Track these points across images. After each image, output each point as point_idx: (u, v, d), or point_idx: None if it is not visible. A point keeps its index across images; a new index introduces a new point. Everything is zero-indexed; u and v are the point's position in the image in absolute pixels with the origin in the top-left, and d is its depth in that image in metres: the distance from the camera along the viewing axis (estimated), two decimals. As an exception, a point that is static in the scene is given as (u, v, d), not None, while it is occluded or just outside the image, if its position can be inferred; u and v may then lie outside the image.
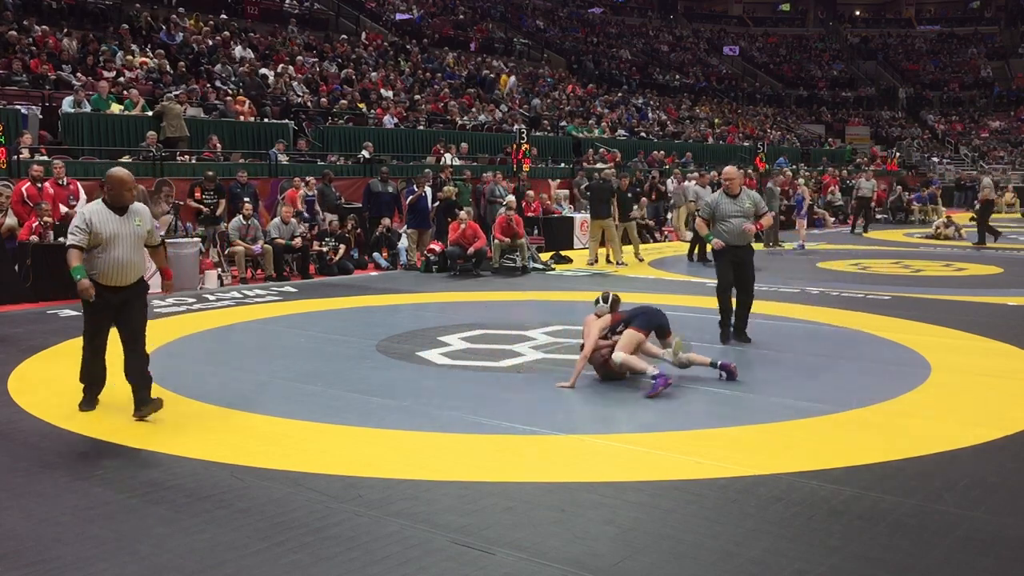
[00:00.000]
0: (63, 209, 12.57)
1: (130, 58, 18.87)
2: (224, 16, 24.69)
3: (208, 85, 19.12)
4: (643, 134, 29.61)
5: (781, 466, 5.19)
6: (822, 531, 4.34)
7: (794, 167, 28.82)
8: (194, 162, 16.08)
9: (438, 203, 16.18)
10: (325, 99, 21.03)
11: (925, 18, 54.52)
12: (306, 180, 15.56)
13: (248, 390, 6.97)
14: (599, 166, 22.31)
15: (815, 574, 3.90)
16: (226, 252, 13.78)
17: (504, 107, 26.68)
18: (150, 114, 16.44)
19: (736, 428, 5.97)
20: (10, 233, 11.87)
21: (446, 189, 16.40)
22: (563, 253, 17.05)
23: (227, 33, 22.64)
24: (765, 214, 8.98)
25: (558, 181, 21.77)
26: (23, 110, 15.09)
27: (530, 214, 18.23)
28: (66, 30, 19.30)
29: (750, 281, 8.84)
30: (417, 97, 24.10)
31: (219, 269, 13.40)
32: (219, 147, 16.77)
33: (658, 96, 37.69)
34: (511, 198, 16.29)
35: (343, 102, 21.13)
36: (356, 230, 15.51)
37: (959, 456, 5.46)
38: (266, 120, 18.77)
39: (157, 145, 15.52)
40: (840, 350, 8.62)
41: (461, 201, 16.50)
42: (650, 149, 26.78)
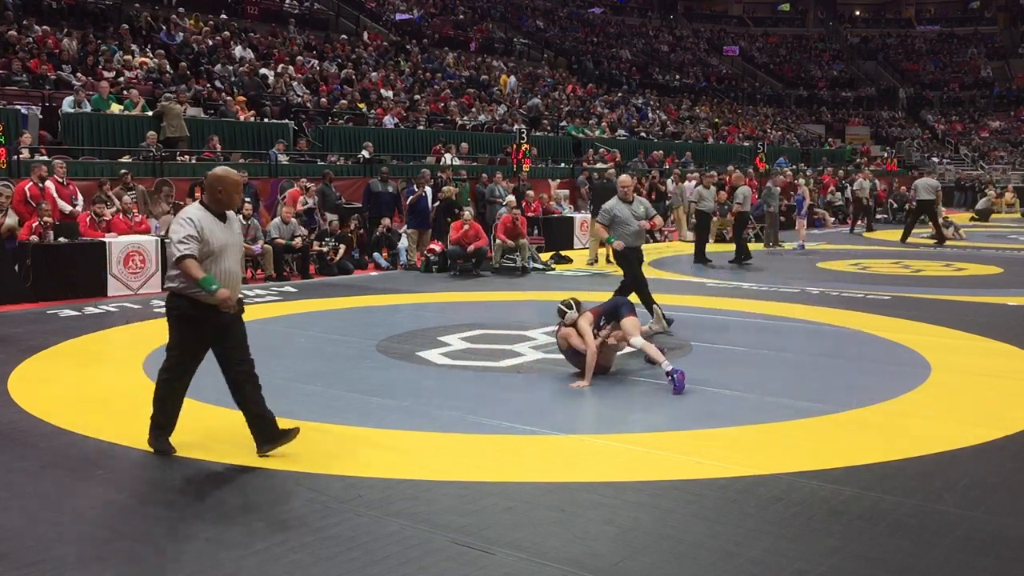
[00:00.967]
0: (65, 209, 12.58)
1: (130, 58, 18.87)
2: (224, 16, 24.69)
3: (208, 85, 19.12)
4: (643, 134, 29.61)
5: (781, 466, 5.19)
6: (822, 531, 4.34)
7: (794, 167, 28.81)
8: (194, 162, 16.08)
9: (438, 203, 16.18)
10: (325, 99, 21.03)
11: (925, 18, 54.51)
12: (306, 187, 15.54)
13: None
14: (599, 166, 22.32)
15: (815, 574, 3.90)
16: (226, 252, 13.75)
17: (504, 107, 26.68)
18: (150, 114, 16.43)
19: (736, 428, 5.98)
20: (10, 233, 11.87)
21: (446, 189, 16.40)
22: (563, 253, 17.04)
23: (227, 33, 22.64)
24: (654, 217, 9.77)
25: (558, 181, 21.76)
26: (23, 110, 15.09)
27: (530, 214, 18.23)
28: (66, 30, 19.30)
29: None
30: (417, 97, 24.10)
31: (219, 269, 13.38)
32: (219, 147, 16.77)
33: (658, 96, 37.68)
34: (511, 198, 16.29)
35: (343, 102, 21.13)
36: (359, 230, 15.51)
37: (959, 456, 5.46)
38: (266, 120, 18.77)
39: (157, 145, 15.52)
40: (840, 350, 8.62)
41: (460, 201, 16.49)
42: (650, 149, 26.77)
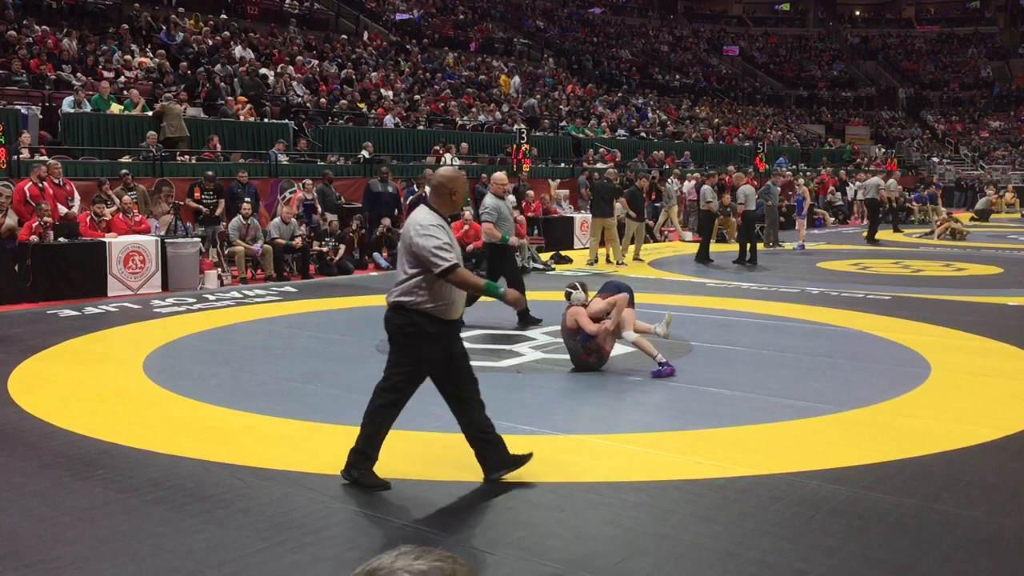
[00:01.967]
0: (62, 209, 12.57)
1: (130, 58, 18.87)
2: (224, 16, 24.68)
3: (208, 85, 19.12)
4: (643, 134, 29.61)
5: (781, 466, 5.19)
6: (822, 531, 4.34)
7: (794, 167, 28.81)
8: (194, 162, 16.08)
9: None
10: (325, 99, 21.03)
11: (925, 18, 54.47)
12: (303, 184, 15.55)
13: (248, 390, 6.97)
14: (599, 166, 22.31)
15: (815, 574, 3.90)
16: (226, 252, 13.77)
17: (505, 107, 26.67)
18: (150, 114, 16.43)
19: (736, 428, 5.97)
20: (10, 233, 11.87)
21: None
22: (563, 253, 17.05)
23: (227, 33, 22.64)
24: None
25: (558, 181, 21.76)
26: (23, 110, 15.08)
27: (530, 214, 18.23)
28: (66, 30, 19.29)
29: None
30: (417, 97, 24.09)
31: (219, 269, 13.40)
32: (219, 147, 16.77)
33: (658, 96, 37.67)
34: (511, 198, 16.29)
35: (343, 102, 21.13)
36: (360, 230, 15.51)
37: (959, 456, 5.46)
38: (266, 120, 18.77)
39: (157, 145, 15.52)
40: (840, 350, 8.62)
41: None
42: (650, 149, 26.77)
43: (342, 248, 14.78)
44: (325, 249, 14.47)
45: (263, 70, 21.19)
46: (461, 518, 4.45)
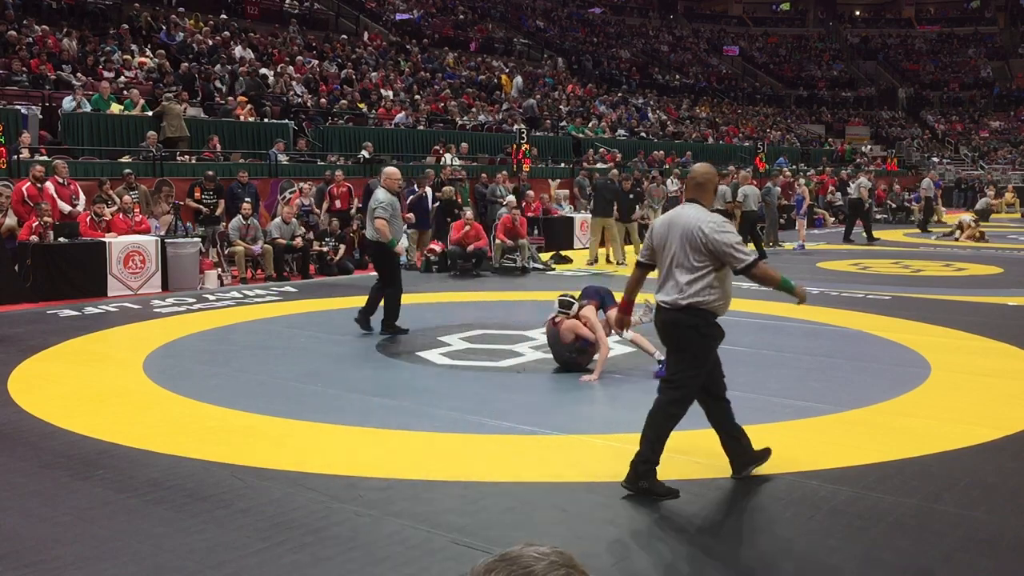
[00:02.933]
0: (65, 209, 12.57)
1: (129, 58, 18.87)
2: (224, 16, 24.68)
3: (208, 85, 19.12)
4: (643, 134, 29.60)
5: (781, 466, 5.18)
6: (822, 531, 4.33)
7: (794, 167, 28.81)
8: (194, 162, 16.08)
9: (438, 203, 16.18)
10: (325, 99, 21.03)
11: (925, 18, 54.46)
12: (300, 188, 15.55)
13: (248, 390, 6.97)
14: (599, 166, 22.30)
15: (815, 574, 3.90)
16: (226, 252, 13.77)
17: (506, 106, 26.67)
18: (150, 114, 16.43)
19: (736, 428, 5.97)
20: (10, 233, 11.87)
21: (445, 190, 16.40)
22: (563, 253, 17.04)
23: (227, 33, 22.63)
24: None
25: (558, 181, 21.76)
26: (23, 110, 15.07)
27: (530, 214, 18.23)
28: (66, 30, 19.28)
29: None
30: (417, 97, 24.09)
31: (219, 269, 13.40)
32: (219, 147, 16.77)
33: (658, 96, 37.67)
34: (511, 198, 16.30)
35: (343, 102, 21.12)
36: (361, 230, 15.49)
37: (959, 456, 5.46)
38: (266, 120, 18.76)
39: (157, 145, 15.52)
40: (840, 350, 8.61)
41: (460, 202, 16.50)
42: (650, 149, 26.77)
43: (342, 248, 14.79)
44: (325, 249, 14.48)
45: (263, 70, 21.19)
46: (461, 518, 4.45)
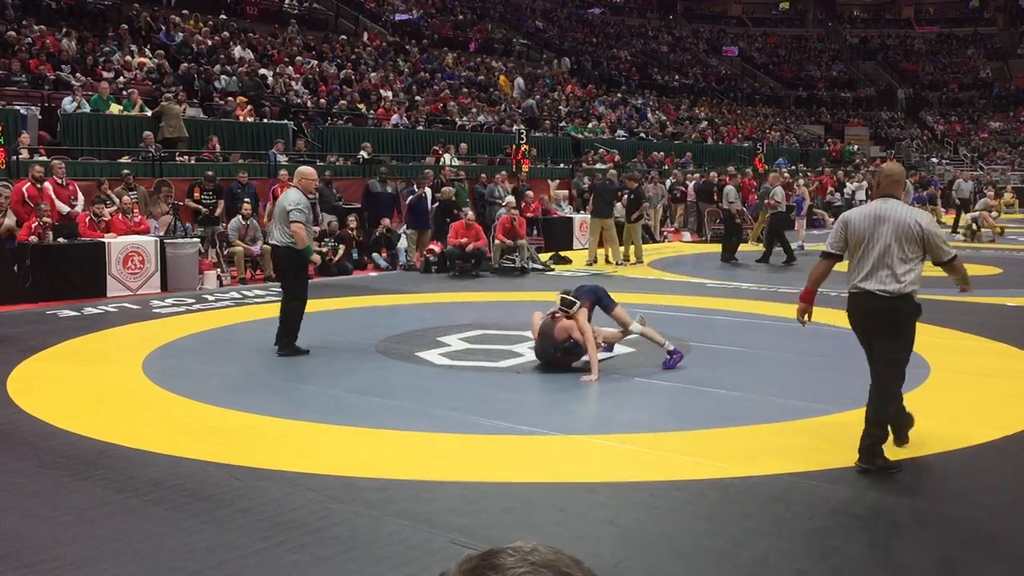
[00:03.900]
0: (63, 209, 12.57)
1: (129, 58, 18.86)
2: (223, 16, 24.68)
3: (208, 86, 19.12)
4: (642, 135, 29.61)
5: (781, 466, 5.18)
6: (822, 531, 4.33)
7: (793, 168, 28.81)
8: (193, 162, 16.07)
9: (437, 203, 16.18)
10: (324, 99, 21.03)
11: (924, 18, 54.48)
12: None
13: (248, 390, 6.97)
14: (599, 167, 22.30)
15: (815, 574, 3.90)
16: (225, 253, 13.77)
17: (506, 107, 26.68)
18: (149, 114, 16.43)
19: (736, 428, 5.97)
20: (9, 233, 11.87)
21: (444, 190, 16.40)
22: (562, 253, 17.04)
23: (226, 33, 22.63)
24: None
25: (557, 181, 21.76)
26: (22, 110, 15.06)
27: (529, 214, 18.22)
28: (65, 30, 19.27)
29: None
30: (417, 98, 24.09)
31: (218, 270, 13.40)
32: (218, 147, 16.76)
33: (657, 96, 37.68)
34: (510, 198, 16.30)
35: (342, 102, 21.12)
36: (358, 231, 15.50)
37: (959, 456, 5.46)
38: (265, 120, 18.76)
39: (156, 145, 15.51)
40: (840, 350, 8.60)
41: (459, 202, 16.50)
42: (649, 150, 26.78)
43: (341, 249, 14.78)
44: (324, 250, 14.46)
45: (262, 70, 21.18)
46: (461, 518, 4.45)
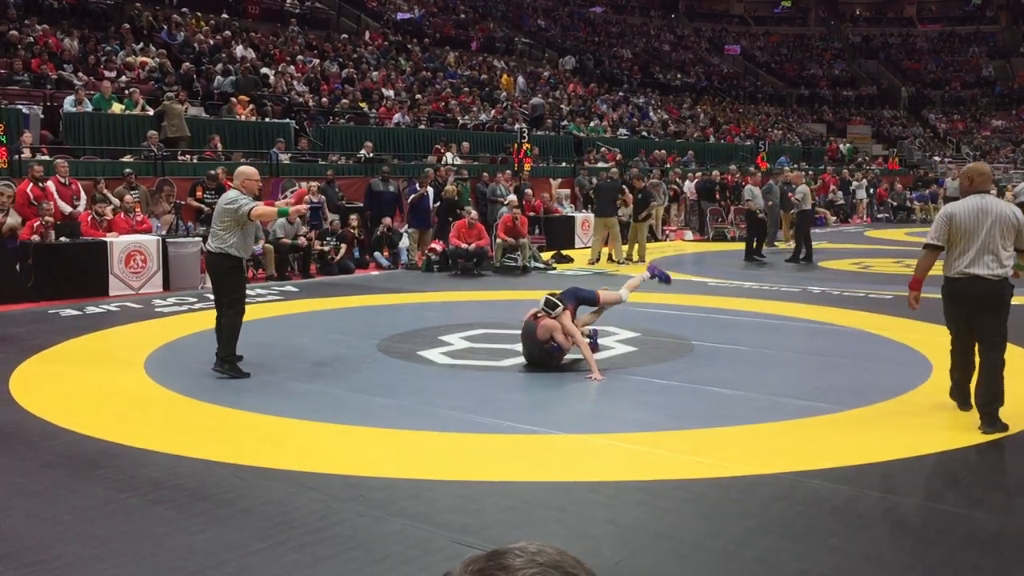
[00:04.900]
0: (66, 209, 12.57)
1: (131, 58, 18.87)
2: (225, 16, 24.68)
3: (210, 85, 19.12)
4: (644, 133, 29.59)
5: (782, 466, 5.18)
6: (823, 531, 4.33)
7: (795, 166, 28.78)
8: (195, 162, 16.09)
9: (439, 203, 16.18)
10: (326, 98, 21.03)
11: (926, 17, 54.36)
12: (300, 186, 15.54)
13: (249, 389, 6.97)
14: (600, 165, 22.30)
15: (817, 574, 3.89)
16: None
17: (507, 106, 26.66)
18: (151, 114, 16.44)
19: (736, 428, 5.97)
20: (12, 232, 11.87)
21: (447, 189, 16.40)
22: (564, 252, 17.03)
23: (228, 33, 22.63)
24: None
25: (559, 180, 21.75)
26: (24, 110, 15.08)
27: (531, 213, 18.22)
28: (67, 30, 19.29)
29: None
30: (418, 96, 24.09)
31: (220, 269, 13.39)
32: (220, 146, 16.77)
33: (659, 95, 37.65)
34: (512, 197, 16.30)
35: (344, 101, 21.12)
36: (359, 229, 15.50)
37: (960, 456, 5.45)
38: (267, 120, 18.77)
39: (158, 144, 15.52)
40: (841, 349, 8.61)
41: (461, 201, 16.50)
42: (651, 148, 26.77)
43: (343, 247, 14.79)
44: (327, 248, 14.47)
45: (264, 69, 21.19)
46: (461, 518, 4.45)
